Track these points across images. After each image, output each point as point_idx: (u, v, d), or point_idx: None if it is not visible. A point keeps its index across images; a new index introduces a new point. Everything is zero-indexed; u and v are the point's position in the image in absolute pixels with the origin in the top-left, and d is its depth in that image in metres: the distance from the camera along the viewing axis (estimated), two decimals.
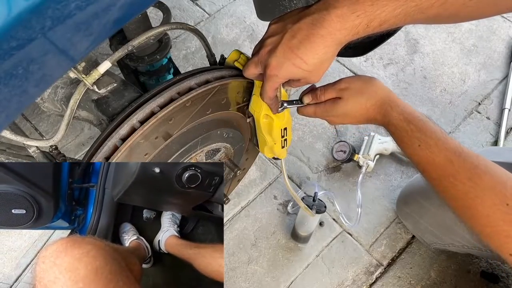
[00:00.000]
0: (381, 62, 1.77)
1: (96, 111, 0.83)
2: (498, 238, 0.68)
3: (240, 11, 1.90)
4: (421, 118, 0.76)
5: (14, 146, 0.97)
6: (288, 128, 0.91)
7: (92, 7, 0.44)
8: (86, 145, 1.53)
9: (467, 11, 0.60)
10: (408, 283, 1.29)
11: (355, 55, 1.10)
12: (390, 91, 0.81)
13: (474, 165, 0.70)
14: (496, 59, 1.78)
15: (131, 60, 0.95)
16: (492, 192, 0.68)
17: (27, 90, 0.46)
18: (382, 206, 1.42)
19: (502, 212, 0.66)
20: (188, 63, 1.75)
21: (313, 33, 0.61)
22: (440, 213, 1.08)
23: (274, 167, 1.49)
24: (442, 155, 0.73)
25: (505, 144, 1.55)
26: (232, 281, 1.29)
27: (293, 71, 0.67)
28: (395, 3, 0.58)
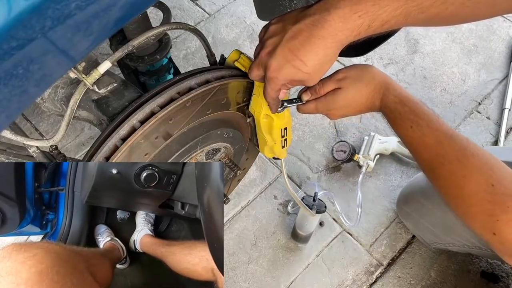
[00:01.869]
0: (381, 62, 1.77)
1: (96, 111, 0.83)
2: (481, 217, 0.70)
3: (240, 11, 1.90)
4: (415, 101, 0.78)
5: (14, 146, 0.97)
6: (288, 128, 0.91)
7: (92, 7, 0.44)
8: (86, 145, 1.53)
9: (466, 11, 0.60)
10: (408, 283, 1.29)
11: (356, 55, 1.09)
12: (386, 75, 0.82)
13: (463, 147, 0.72)
14: (496, 59, 1.78)
15: (131, 60, 0.95)
16: (478, 173, 0.70)
17: (27, 90, 0.46)
18: (382, 206, 1.42)
19: (487, 192, 0.68)
20: (188, 63, 1.75)
21: (314, 34, 0.61)
22: (440, 212, 1.08)
23: (274, 167, 1.49)
24: (432, 136, 0.74)
25: (505, 144, 1.55)
26: (232, 281, 1.29)
27: (293, 73, 0.66)
28: (396, 3, 0.58)
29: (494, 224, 0.68)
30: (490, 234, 0.69)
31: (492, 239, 0.70)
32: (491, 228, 0.69)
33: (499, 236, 0.68)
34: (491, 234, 0.69)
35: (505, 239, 0.68)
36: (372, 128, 1.58)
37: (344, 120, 1.60)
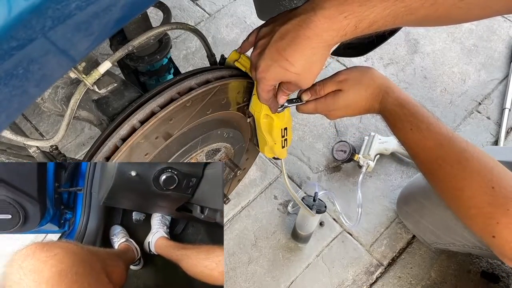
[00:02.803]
0: (381, 62, 1.77)
1: (96, 111, 0.83)
2: (481, 219, 0.70)
3: (240, 11, 1.90)
4: (414, 104, 0.78)
5: (14, 146, 0.97)
6: (288, 128, 0.91)
7: (93, 7, 0.44)
8: (86, 145, 1.53)
9: (458, 13, 0.60)
10: (408, 283, 1.29)
11: (355, 55, 1.10)
12: (386, 78, 0.82)
13: (463, 149, 0.72)
14: (497, 59, 1.78)
15: (131, 60, 0.95)
16: (478, 175, 0.70)
17: (27, 90, 0.46)
18: (383, 206, 1.42)
19: (487, 194, 0.68)
20: (188, 63, 1.75)
21: (300, 34, 0.61)
22: (441, 212, 1.08)
23: (274, 167, 1.49)
24: (432, 139, 0.75)
25: (505, 144, 1.55)
26: (233, 281, 1.29)
27: (280, 73, 0.66)
28: (384, 3, 0.57)
29: (494, 227, 0.68)
30: (489, 236, 0.69)
31: (492, 242, 0.69)
32: (491, 231, 0.68)
33: (499, 239, 0.68)
34: (490, 237, 0.69)
35: (505, 241, 0.68)
36: (372, 128, 1.58)
37: (344, 120, 1.60)
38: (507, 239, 0.67)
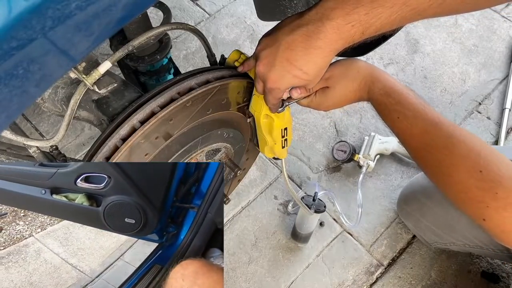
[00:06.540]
0: (382, 62, 1.77)
1: (96, 111, 0.83)
2: (471, 204, 0.71)
3: (240, 11, 1.90)
4: (401, 92, 0.79)
5: (14, 146, 0.97)
6: (288, 128, 0.91)
7: (93, 7, 0.44)
8: (86, 145, 1.53)
9: (466, 7, 0.61)
10: (408, 283, 1.29)
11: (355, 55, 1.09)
12: (372, 67, 0.83)
13: (450, 134, 0.74)
14: (497, 59, 1.78)
15: (131, 60, 0.95)
16: (466, 160, 0.71)
17: (27, 90, 0.46)
18: (383, 206, 1.42)
19: (476, 179, 0.69)
20: (188, 63, 1.75)
21: (310, 45, 0.62)
22: (441, 211, 1.08)
23: (274, 167, 1.49)
24: (419, 126, 0.76)
25: (505, 144, 1.55)
26: (233, 281, 1.29)
27: (294, 82, 0.68)
28: (390, 10, 0.57)
29: (484, 211, 0.69)
30: (480, 220, 0.71)
31: (483, 225, 0.71)
32: (481, 215, 0.70)
33: (489, 222, 0.70)
34: (481, 220, 0.71)
35: (495, 225, 0.70)
36: (372, 128, 1.58)
37: (344, 120, 1.60)
38: (497, 223, 0.69)
